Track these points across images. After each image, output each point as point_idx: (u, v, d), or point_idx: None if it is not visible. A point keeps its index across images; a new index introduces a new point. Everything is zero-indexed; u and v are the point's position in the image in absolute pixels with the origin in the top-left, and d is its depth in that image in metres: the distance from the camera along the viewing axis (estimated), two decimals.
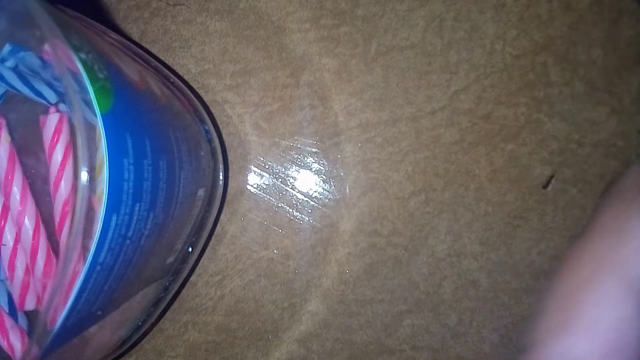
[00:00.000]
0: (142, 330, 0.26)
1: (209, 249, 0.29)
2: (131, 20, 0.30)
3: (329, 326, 0.29)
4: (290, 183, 0.29)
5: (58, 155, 0.22)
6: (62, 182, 0.22)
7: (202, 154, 0.26)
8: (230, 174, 0.29)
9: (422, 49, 0.28)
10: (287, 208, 0.29)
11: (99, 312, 0.20)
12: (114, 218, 0.18)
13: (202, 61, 0.29)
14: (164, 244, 0.23)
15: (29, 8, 0.18)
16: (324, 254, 0.29)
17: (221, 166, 0.28)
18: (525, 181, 0.28)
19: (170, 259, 0.25)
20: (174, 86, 0.26)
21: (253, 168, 0.29)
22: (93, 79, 0.18)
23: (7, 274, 0.24)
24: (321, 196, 0.29)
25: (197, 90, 0.29)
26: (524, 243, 0.28)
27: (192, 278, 0.29)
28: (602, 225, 0.10)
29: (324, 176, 0.29)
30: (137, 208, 0.19)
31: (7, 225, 0.24)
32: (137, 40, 0.30)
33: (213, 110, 0.29)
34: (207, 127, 0.27)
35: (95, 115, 0.18)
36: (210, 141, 0.27)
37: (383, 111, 0.28)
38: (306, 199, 0.29)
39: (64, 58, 0.17)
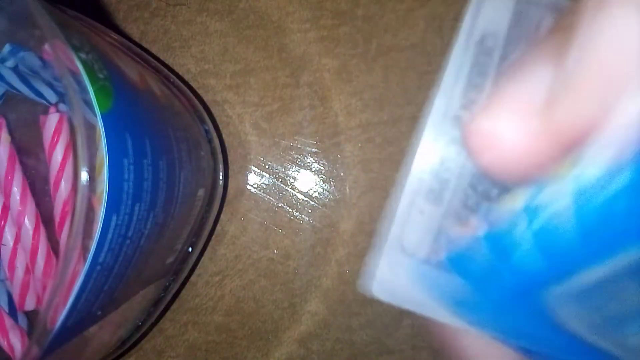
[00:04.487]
0: (142, 330, 0.26)
1: (209, 249, 0.29)
2: (131, 20, 0.30)
3: (329, 326, 0.29)
4: (290, 183, 0.29)
5: (58, 155, 0.22)
6: (62, 182, 0.22)
7: (202, 154, 0.26)
8: (230, 174, 0.29)
9: (422, 49, 0.28)
10: (287, 208, 0.29)
11: (99, 312, 0.20)
12: (114, 218, 0.18)
13: (202, 61, 0.29)
14: (164, 244, 0.23)
15: (29, 8, 0.18)
16: (324, 254, 0.29)
17: (221, 166, 0.28)
18: None
19: (170, 259, 0.25)
20: (174, 86, 0.26)
21: (253, 168, 0.29)
22: (93, 79, 0.18)
23: (7, 274, 0.24)
24: (321, 196, 0.29)
25: (197, 90, 0.29)
26: None
27: (192, 278, 0.29)
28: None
29: (324, 176, 0.29)
30: (137, 208, 0.19)
31: (7, 225, 0.24)
32: (137, 40, 0.30)
33: (213, 110, 0.29)
34: (207, 127, 0.27)
35: (95, 115, 0.18)
36: (210, 141, 0.27)
37: (383, 111, 0.28)
38: (306, 199, 0.29)
39: (64, 58, 0.17)
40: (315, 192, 0.29)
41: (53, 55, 0.17)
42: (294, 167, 0.29)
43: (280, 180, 0.29)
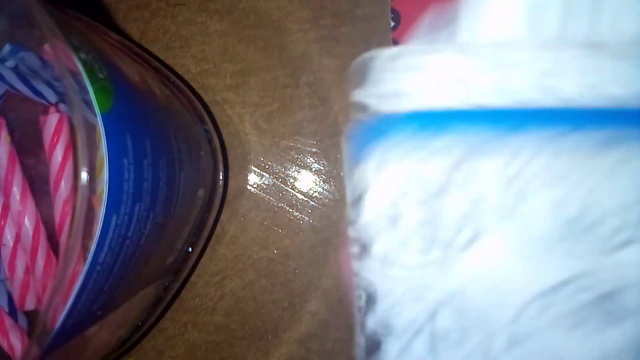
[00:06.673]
0: (142, 330, 0.26)
1: (209, 249, 0.29)
2: (131, 20, 0.30)
3: (329, 326, 0.29)
4: (290, 183, 0.29)
5: (58, 155, 0.22)
6: (62, 182, 0.22)
7: (202, 154, 0.26)
8: (230, 174, 0.29)
9: None
10: (287, 208, 0.29)
11: (99, 312, 0.20)
12: (114, 218, 0.18)
13: (202, 61, 0.29)
14: (164, 244, 0.23)
15: (29, 8, 0.18)
16: (324, 254, 0.29)
17: (221, 166, 0.28)
18: None
19: (170, 259, 0.25)
20: (174, 86, 0.26)
21: (253, 168, 0.29)
22: (93, 79, 0.18)
23: (7, 274, 0.24)
24: (321, 196, 0.29)
25: (197, 90, 0.29)
26: None
27: (192, 278, 0.29)
28: None
29: (324, 176, 0.29)
30: (137, 208, 0.19)
31: (7, 225, 0.24)
32: (137, 40, 0.30)
33: (213, 110, 0.29)
34: (207, 127, 0.27)
35: (95, 115, 0.18)
36: (210, 141, 0.27)
37: None
38: (306, 199, 0.29)
39: (64, 58, 0.17)
40: (315, 192, 0.29)
41: (53, 55, 0.18)
42: (294, 167, 0.29)
43: (280, 180, 0.29)
